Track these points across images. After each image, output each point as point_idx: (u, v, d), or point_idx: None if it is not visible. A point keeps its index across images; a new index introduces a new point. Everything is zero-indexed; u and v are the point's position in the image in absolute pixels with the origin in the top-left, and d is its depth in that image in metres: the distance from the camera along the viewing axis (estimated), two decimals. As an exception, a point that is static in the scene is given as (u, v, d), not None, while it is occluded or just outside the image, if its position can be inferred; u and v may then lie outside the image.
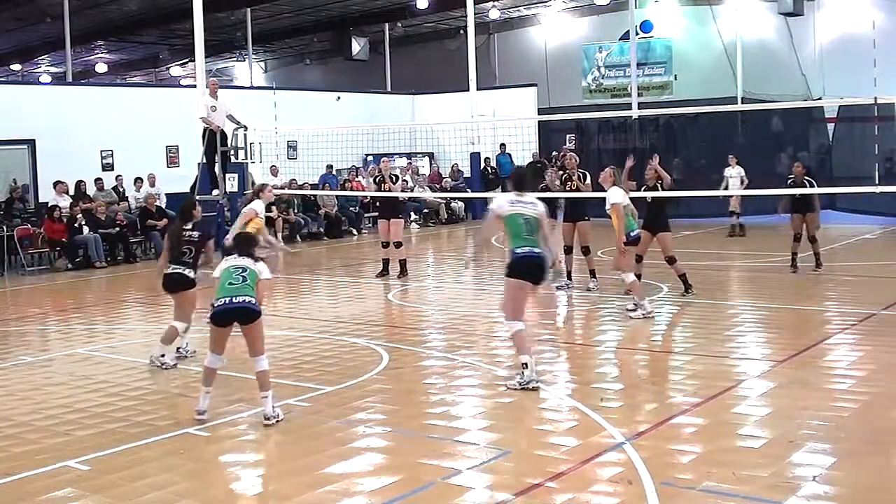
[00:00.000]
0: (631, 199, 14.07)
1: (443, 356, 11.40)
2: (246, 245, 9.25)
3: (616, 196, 13.40)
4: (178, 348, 11.53)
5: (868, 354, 10.84)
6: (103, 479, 7.30)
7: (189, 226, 11.26)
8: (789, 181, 17.00)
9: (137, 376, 10.88)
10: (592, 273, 15.93)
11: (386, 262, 17.99)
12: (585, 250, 16.00)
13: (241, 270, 8.87)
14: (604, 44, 36.48)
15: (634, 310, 13.15)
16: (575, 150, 32.13)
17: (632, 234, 13.67)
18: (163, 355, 11.21)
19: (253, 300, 8.80)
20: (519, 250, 9.61)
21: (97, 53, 43.74)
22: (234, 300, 8.74)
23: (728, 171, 23.45)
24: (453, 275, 19.31)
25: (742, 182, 22.72)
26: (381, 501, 6.68)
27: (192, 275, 11.19)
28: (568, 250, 15.98)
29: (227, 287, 8.80)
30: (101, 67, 45.12)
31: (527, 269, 9.60)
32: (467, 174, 31.86)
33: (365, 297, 16.69)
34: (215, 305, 8.89)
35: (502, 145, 31.74)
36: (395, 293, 16.08)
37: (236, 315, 8.86)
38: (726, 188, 23.03)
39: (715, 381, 9.70)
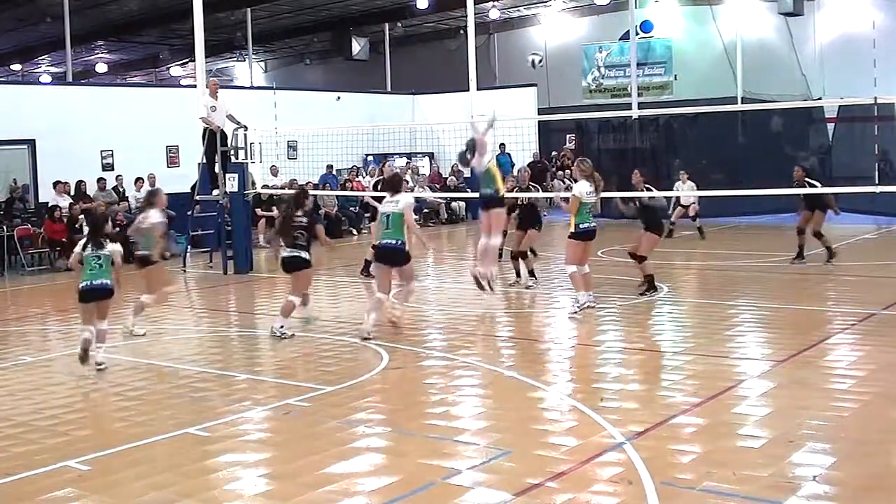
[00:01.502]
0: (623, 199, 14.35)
1: (443, 356, 11.39)
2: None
3: (580, 188, 13.73)
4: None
5: (868, 354, 10.84)
6: (103, 479, 7.30)
7: (300, 213, 12.64)
8: (794, 184, 17.04)
9: (137, 376, 10.88)
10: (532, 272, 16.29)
11: None
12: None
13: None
14: (604, 44, 36.51)
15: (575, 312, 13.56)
16: (575, 150, 32.30)
17: (581, 226, 13.72)
18: (282, 326, 12.53)
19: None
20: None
21: (97, 53, 43.76)
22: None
23: (679, 186, 23.28)
24: (453, 275, 19.31)
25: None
26: (381, 501, 6.68)
27: (306, 256, 12.61)
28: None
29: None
30: (102, 67, 45.13)
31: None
32: (467, 174, 31.81)
33: (365, 297, 16.69)
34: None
35: (502, 145, 31.71)
36: (395, 293, 16.06)
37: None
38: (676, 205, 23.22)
39: (715, 381, 9.70)
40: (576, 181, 14.22)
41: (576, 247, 13.77)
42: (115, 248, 11.24)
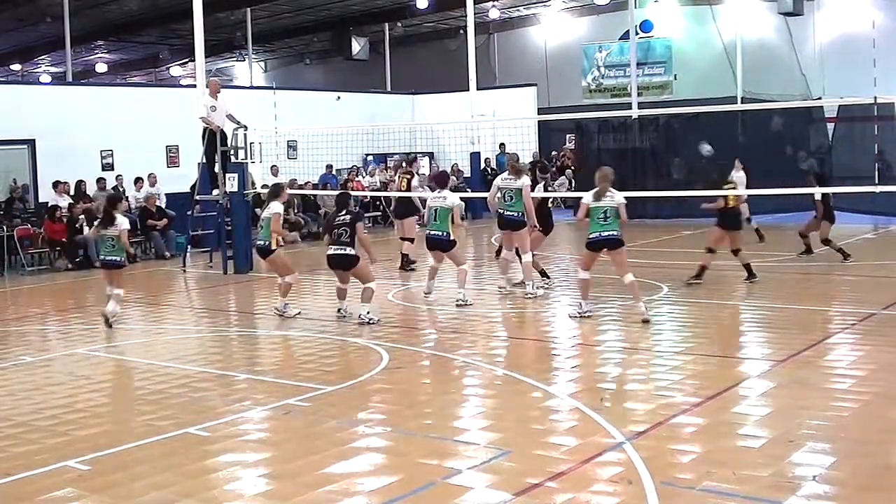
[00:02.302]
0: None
1: (443, 356, 11.39)
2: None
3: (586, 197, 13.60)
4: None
5: (868, 354, 10.84)
6: (103, 479, 7.30)
7: (343, 212, 13.64)
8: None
9: (137, 376, 10.89)
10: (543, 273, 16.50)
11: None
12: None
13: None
14: (604, 43, 36.53)
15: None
16: (575, 151, 32.32)
17: (591, 235, 13.31)
18: (368, 312, 13.37)
19: None
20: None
21: (97, 53, 43.78)
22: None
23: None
24: (453, 275, 19.28)
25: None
26: (381, 501, 6.68)
27: (352, 251, 13.47)
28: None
29: None
30: (101, 67, 45.16)
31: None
32: (467, 174, 31.87)
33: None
34: None
35: (502, 145, 31.74)
36: (394, 293, 16.08)
37: None
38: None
39: (715, 381, 9.70)
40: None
41: (589, 256, 13.39)
42: (122, 227, 13.66)
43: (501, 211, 15.11)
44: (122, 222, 13.78)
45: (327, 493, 6.85)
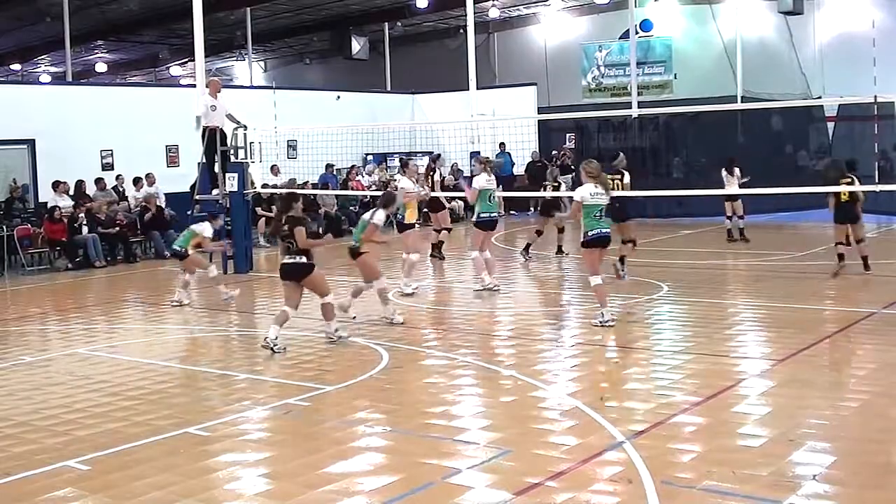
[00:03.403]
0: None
1: (443, 356, 11.39)
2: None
3: (581, 191, 12.93)
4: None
5: (868, 353, 10.85)
6: (103, 479, 7.30)
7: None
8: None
9: (137, 376, 10.88)
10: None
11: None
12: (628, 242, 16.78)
13: None
14: (603, 43, 36.50)
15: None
16: (575, 149, 32.33)
17: (590, 233, 12.75)
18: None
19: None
20: None
21: (97, 53, 43.76)
22: None
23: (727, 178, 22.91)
24: (453, 274, 19.31)
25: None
26: (381, 501, 6.68)
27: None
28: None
29: None
30: (101, 67, 45.12)
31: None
32: (467, 174, 31.85)
33: (365, 296, 16.67)
34: None
35: (502, 144, 31.74)
36: (395, 293, 16.07)
37: None
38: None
39: (715, 381, 9.70)
40: (581, 184, 13.11)
41: (590, 255, 12.87)
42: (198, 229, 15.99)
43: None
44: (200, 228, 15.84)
45: (327, 492, 6.85)
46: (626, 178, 16.54)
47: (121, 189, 24.92)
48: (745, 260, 19.14)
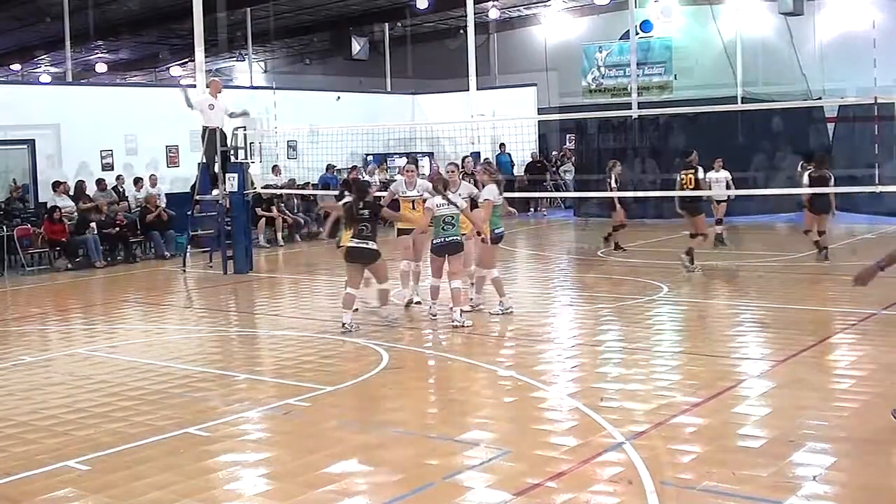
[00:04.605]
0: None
1: (443, 356, 11.39)
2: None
3: (490, 193, 13.53)
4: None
5: (868, 354, 10.85)
6: (103, 479, 7.30)
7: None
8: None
9: (137, 376, 10.88)
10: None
11: None
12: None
13: None
14: (604, 43, 36.49)
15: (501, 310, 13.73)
16: (575, 150, 32.34)
17: (496, 231, 13.70)
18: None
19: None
20: None
21: (97, 53, 43.76)
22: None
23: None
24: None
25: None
26: (381, 501, 6.68)
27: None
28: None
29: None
30: (101, 67, 45.12)
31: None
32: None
33: (365, 296, 16.70)
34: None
35: (502, 145, 31.75)
36: (395, 293, 16.06)
37: None
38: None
39: (715, 381, 9.70)
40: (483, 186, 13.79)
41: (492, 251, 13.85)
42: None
43: None
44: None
45: (327, 492, 6.85)
46: (701, 174, 17.27)
47: (121, 189, 24.92)
48: (745, 261, 19.13)
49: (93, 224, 21.79)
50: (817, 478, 6.85)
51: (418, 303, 14.51)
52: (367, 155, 31.40)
